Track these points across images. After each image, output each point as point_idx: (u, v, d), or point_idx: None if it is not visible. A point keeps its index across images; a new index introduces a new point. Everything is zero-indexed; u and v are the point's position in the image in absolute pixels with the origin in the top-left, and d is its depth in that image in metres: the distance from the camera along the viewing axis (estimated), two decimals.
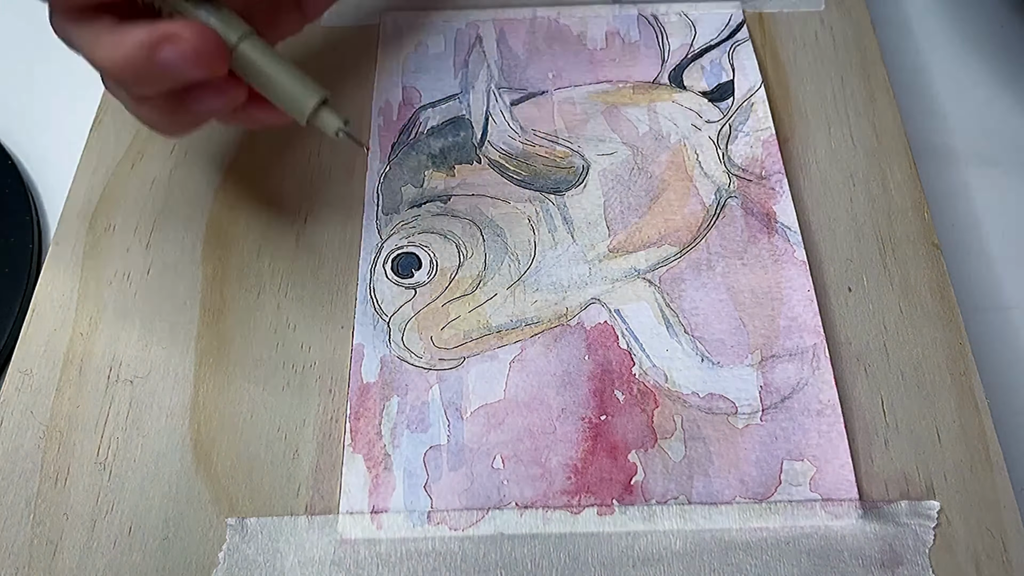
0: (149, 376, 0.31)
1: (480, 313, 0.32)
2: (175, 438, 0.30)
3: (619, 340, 0.31)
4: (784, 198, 0.34)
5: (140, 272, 0.33)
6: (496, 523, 0.28)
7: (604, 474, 0.29)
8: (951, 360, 0.30)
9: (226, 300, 0.32)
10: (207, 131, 0.37)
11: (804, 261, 0.32)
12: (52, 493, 0.29)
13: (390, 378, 0.30)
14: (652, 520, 0.28)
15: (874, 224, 0.34)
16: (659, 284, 0.32)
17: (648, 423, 0.29)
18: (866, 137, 0.36)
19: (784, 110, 0.37)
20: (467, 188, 0.35)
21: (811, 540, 0.27)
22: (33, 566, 0.27)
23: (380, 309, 0.32)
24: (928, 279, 0.32)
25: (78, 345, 0.31)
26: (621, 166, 0.35)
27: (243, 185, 0.35)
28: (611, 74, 0.38)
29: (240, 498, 0.28)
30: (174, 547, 0.28)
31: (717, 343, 0.31)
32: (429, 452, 0.29)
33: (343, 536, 0.28)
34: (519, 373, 0.30)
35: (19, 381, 0.31)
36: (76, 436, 0.30)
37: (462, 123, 0.37)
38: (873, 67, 0.38)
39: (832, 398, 0.30)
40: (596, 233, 0.34)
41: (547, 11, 0.40)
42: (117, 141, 0.37)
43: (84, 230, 0.34)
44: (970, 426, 0.29)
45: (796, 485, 0.28)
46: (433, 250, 0.33)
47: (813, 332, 0.31)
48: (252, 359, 0.31)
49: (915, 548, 0.27)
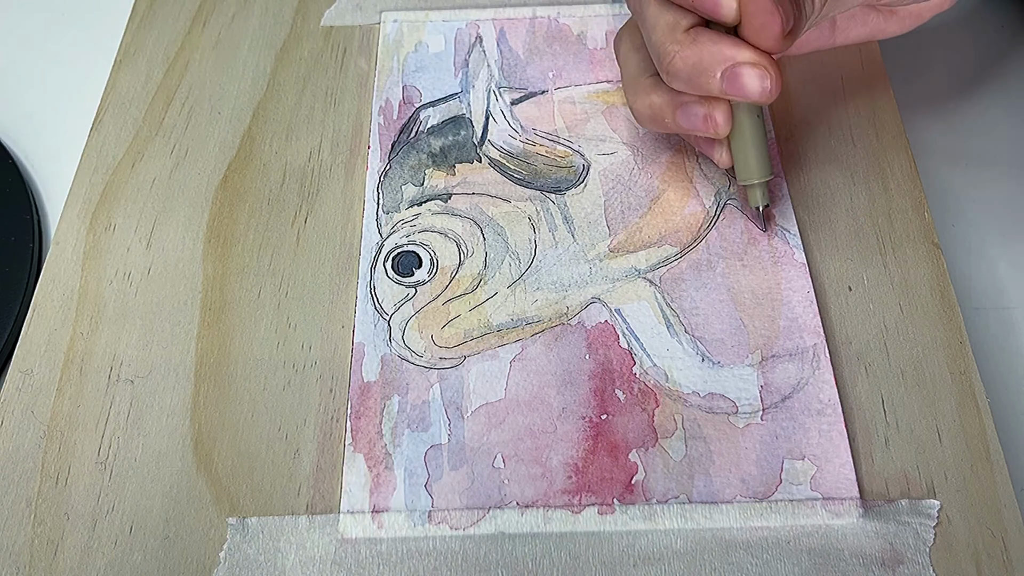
0: (150, 376, 0.31)
1: (481, 312, 0.32)
2: (176, 438, 0.30)
3: (620, 339, 0.31)
4: (783, 200, 0.34)
5: (140, 272, 0.33)
6: (497, 522, 0.28)
7: (605, 473, 0.29)
8: (951, 359, 0.30)
9: (226, 300, 0.32)
10: (207, 131, 0.37)
11: (804, 263, 0.32)
12: (53, 493, 0.29)
13: (391, 377, 0.30)
14: (653, 519, 0.28)
15: (874, 224, 0.34)
16: (659, 284, 0.32)
17: (649, 422, 0.29)
18: (866, 137, 0.36)
19: (784, 110, 0.37)
20: (467, 187, 0.35)
21: (812, 539, 0.27)
22: (34, 566, 0.27)
23: (380, 308, 0.32)
24: (928, 279, 0.32)
25: (78, 345, 0.31)
26: (621, 166, 0.35)
27: (243, 185, 0.36)
28: (611, 74, 0.38)
29: (241, 497, 0.28)
30: (175, 547, 0.28)
31: (717, 343, 0.31)
32: (430, 451, 0.29)
33: (344, 535, 0.28)
34: (520, 372, 0.30)
35: (19, 381, 0.31)
36: (77, 436, 0.30)
37: (462, 122, 0.37)
38: (873, 67, 0.38)
39: (832, 397, 0.30)
40: (596, 233, 0.34)
41: (547, 11, 0.41)
42: (117, 141, 0.37)
43: (84, 230, 0.34)
44: (970, 425, 0.29)
45: (797, 484, 0.28)
46: (433, 249, 0.33)
47: (813, 332, 0.31)
48: (252, 358, 0.31)
49: (916, 547, 0.27)
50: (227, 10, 0.41)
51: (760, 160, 0.31)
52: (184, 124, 0.37)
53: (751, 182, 0.32)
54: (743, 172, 0.31)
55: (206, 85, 0.39)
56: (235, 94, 0.38)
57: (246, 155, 0.36)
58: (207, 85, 0.39)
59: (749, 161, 0.31)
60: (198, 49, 0.40)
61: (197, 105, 0.38)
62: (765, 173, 0.31)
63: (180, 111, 0.38)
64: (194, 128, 0.37)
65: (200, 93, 0.38)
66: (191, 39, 0.40)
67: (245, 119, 0.37)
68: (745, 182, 0.32)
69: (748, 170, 0.31)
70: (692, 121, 0.30)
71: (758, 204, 0.32)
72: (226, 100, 0.38)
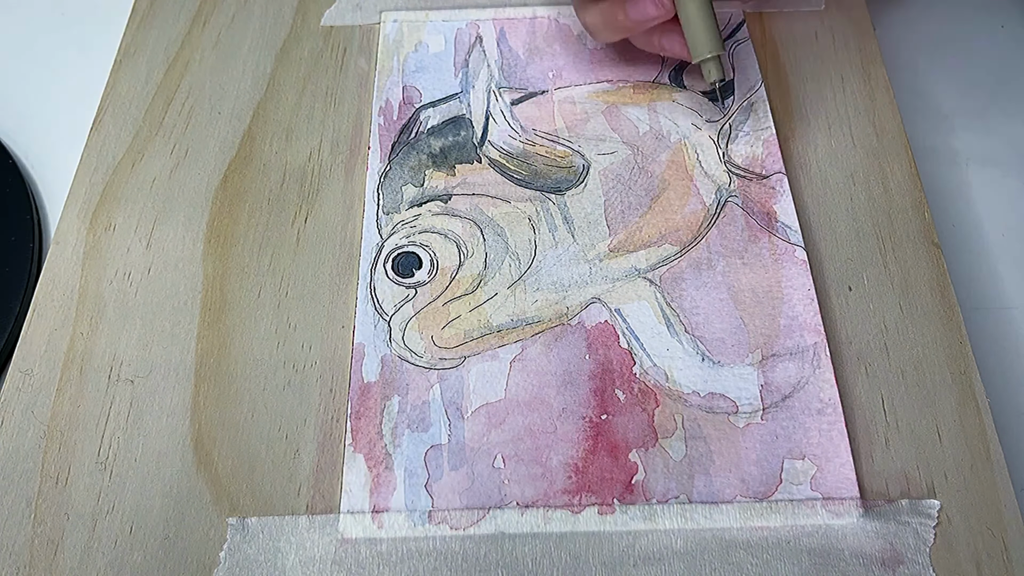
0: (150, 375, 0.31)
1: (481, 312, 0.32)
2: (176, 438, 0.30)
3: (620, 339, 0.31)
4: (784, 197, 0.34)
5: (140, 271, 0.33)
6: (497, 522, 0.28)
7: (605, 473, 0.29)
8: (951, 359, 0.30)
9: (226, 300, 0.32)
10: (207, 131, 0.37)
11: (804, 261, 0.32)
12: (53, 493, 0.29)
13: (391, 377, 0.30)
14: (653, 519, 0.28)
15: (874, 223, 0.34)
16: (659, 283, 0.32)
17: (649, 422, 0.29)
18: (866, 137, 0.36)
19: (784, 110, 0.37)
20: (467, 187, 0.35)
21: (812, 539, 0.27)
22: (34, 566, 0.27)
23: (381, 308, 0.32)
24: (928, 278, 0.32)
25: (78, 345, 0.31)
26: (621, 165, 0.35)
27: (243, 185, 0.36)
28: (611, 74, 0.38)
29: (241, 497, 0.28)
30: (175, 547, 0.28)
31: (718, 342, 0.31)
32: (430, 451, 0.29)
33: (344, 535, 0.28)
34: (520, 372, 0.30)
35: (20, 381, 0.31)
36: (77, 436, 0.30)
37: (462, 122, 0.37)
38: (873, 67, 0.38)
39: (833, 397, 0.30)
40: (596, 232, 0.34)
41: (547, 11, 0.41)
42: (117, 141, 0.37)
43: (84, 230, 0.34)
44: (970, 425, 0.29)
45: (797, 484, 0.28)
46: (433, 249, 0.33)
47: (813, 331, 0.31)
48: (252, 359, 0.31)
49: (916, 547, 0.27)
50: (227, 10, 0.41)
51: (709, 35, 0.33)
52: (184, 124, 0.37)
53: (703, 57, 0.34)
54: (695, 49, 0.34)
55: (206, 85, 0.39)
56: (235, 94, 0.38)
57: (246, 155, 0.36)
58: (207, 85, 0.39)
59: (698, 38, 0.33)
60: (198, 49, 0.40)
61: (197, 105, 0.38)
62: (716, 48, 0.33)
63: (180, 111, 0.38)
64: (194, 128, 0.37)
65: (200, 93, 0.38)
66: (191, 39, 0.40)
67: (245, 119, 0.37)
68: (698, 58, 0.34)
69: (699, 47, 0.34)
70: (642, 9, 0.33)
71: (712, 80, 0.34)
72: (226, 100, 0.38)
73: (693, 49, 0.34)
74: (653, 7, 0.33)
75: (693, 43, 0.34)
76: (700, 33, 0.33)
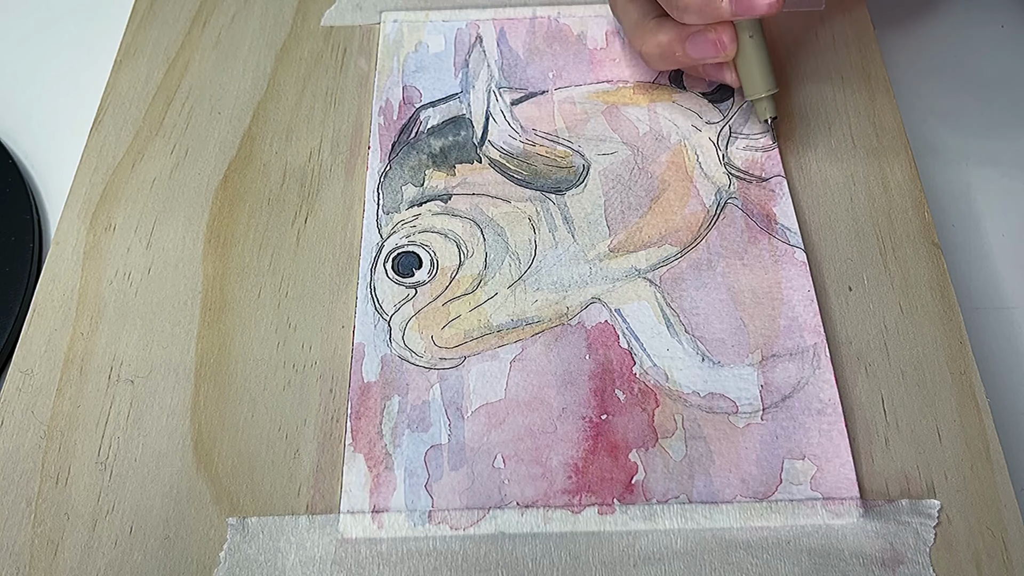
0: (150, 376, 0.31)
1: (481, 312, 0.32)
2: (176, 438, 0.30)
3: (620, 339, 0.31)
4: (784, 200, 0.34)
5: (140, 271, 0.33)
6: (497, 522, 0.28)
7: (605, 473, 0.29)
8: (951, 359, 0.30)
9: (226, 300, 0.32)
10: (207, 131, 0.37)
11: (804, 262, 0.32)
12: (53, 493, 0.29)
13: (391, 377, 0.30)
14: (653, 519, 0.28)
15: (874, 224, 0.34)
16: (659, 284, 0.32)
17: (649, 422, 0.29)
18: (866, 137, 0.36)
19: (784, 110, 0.37)
20: (467, 187, 0.35)
21: (812, 539, 0.27)
22: (34, 566, 0.27)
23: (381, 308, 0.32)
24: (928, 278, 0.32)
25: (78, 345, 0.31)
26: (621, 166, 0.35)
27: (243, 185, 0.36)
28: (611, 74, 0.38)
29: (241, 497, 0.28)
30: (175, 547, 0.28)
31: (717, 342, 0.31)
32: (430, 451, 0.29)
33: (344, 535, 0.28)
34: (520, 372, 0.30)
35: (20, 381, 0.31)
36: (77, 436, 0.30)
37: (462, 122, 0.37)
38: (873, 67, 0.38)
39: (833, 397, 0.30)
40: (596, 233, 0.34)
41: (547, 11, 0.41)
42: (117, 141, 0.37)
43: (84, 230, 0.34)
44: (970, 425, 0.29)
45: (797, 484, 0.28)
46: (434, 249, 0.33)
47: (813, 331, 0.31)
48: (252, 359, 0.31)
49: (916, 547, 0.27)
50: (227, 10, 0.41)
51: (764, 75, 0.34)
52: (184, 124, 0.37)
53: (758, 96, 0.34)
54: (749, 88, 0.34)
55: (206, 85, 0.39)
56: (235, 94, 0.38)
57: (246, 155, 0.36)
58: (207, 85, 0.39)
59: (754, 77, 0.34)
60: (198, 49, 0.40)
61: (197, 105, 0.38)
62: (770, 87, 0.34)
63: (180, 111, 0.38)
64: (194, 128, 0.37)
65: (200, 93, 0.38)
66: (191, 39, 0.40)
67: (245, 119, 0.37)
68: (752, 96, 0.34)
69: (754, 85, 0.34)
70: (702, 48, 0.33)
71: (766, 117, 0.35)
72: (226, 100, 0.38)
73: (747, 86, 0.34)
74: (713, 48, 0.33)
75: (748, 80, 0.34)
76: (756, 71, 0.34)
